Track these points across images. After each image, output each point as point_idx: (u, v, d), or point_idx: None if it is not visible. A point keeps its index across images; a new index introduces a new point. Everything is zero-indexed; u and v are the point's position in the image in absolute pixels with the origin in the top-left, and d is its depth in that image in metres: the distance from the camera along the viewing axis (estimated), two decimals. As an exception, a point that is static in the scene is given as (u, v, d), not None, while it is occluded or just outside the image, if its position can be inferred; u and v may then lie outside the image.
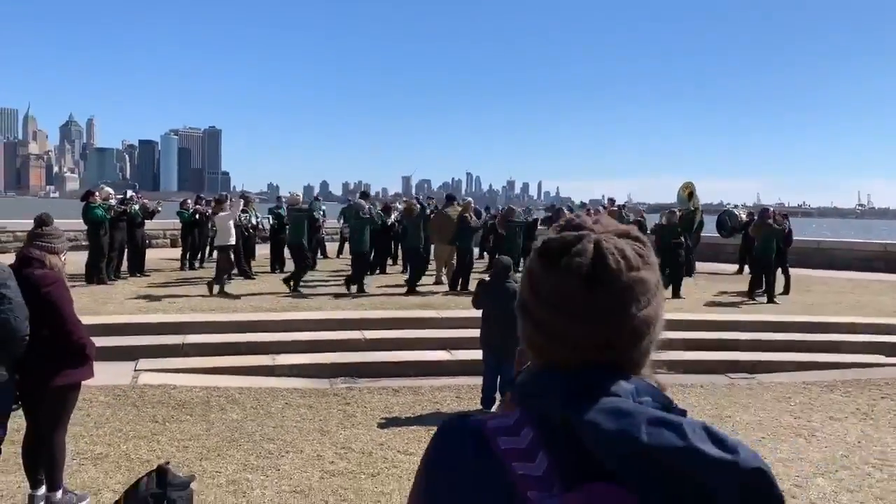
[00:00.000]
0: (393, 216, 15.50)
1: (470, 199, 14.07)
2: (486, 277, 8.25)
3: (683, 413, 1.05)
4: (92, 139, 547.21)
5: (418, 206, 13.86)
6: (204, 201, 15.20)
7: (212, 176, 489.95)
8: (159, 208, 15.83)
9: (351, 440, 6.15)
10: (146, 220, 15.18)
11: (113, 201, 13.82)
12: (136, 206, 14.50)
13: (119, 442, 5.83)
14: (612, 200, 17.86)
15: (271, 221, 15.42)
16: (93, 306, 10.69)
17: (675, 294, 12.95)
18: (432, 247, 14.05)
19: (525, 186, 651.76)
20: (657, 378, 1.06)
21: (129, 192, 15.04)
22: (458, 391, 8.01)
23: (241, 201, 13.98)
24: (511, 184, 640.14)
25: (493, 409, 7.24)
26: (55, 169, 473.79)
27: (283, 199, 16.04)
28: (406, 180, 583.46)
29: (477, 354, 7.91)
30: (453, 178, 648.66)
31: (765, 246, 12.96)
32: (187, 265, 15.99)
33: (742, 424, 6.93)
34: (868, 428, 6.89)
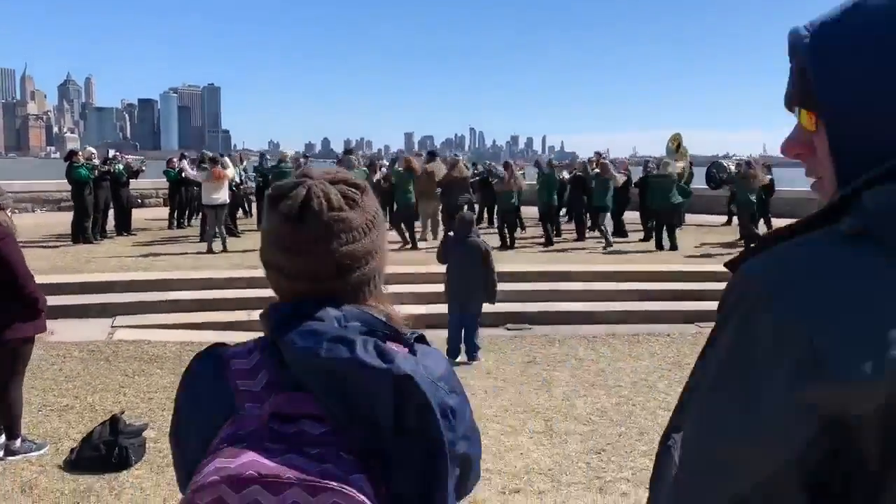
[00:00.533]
0: (378, 174, 15.52)
1: (459, 155, 14.10)
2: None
3: (421, 339, 1.17)
4: (91, 98, 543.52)
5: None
6: (188, 160, 15.21)
7: (212, 134, 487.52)
8: (143, 167, 15.88)
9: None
10: (131, 180, 15.23)
11: (96, 161, 13.88)
12: (121, 166, 14.56)
13: (86, 395, 6.01)
14: (598, 153, 17.90)
15: (256, 179, 15.46)
16: (75, 265, 10.86)
17: (672, 246, 13.01)
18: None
19: (529, 141, 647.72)
20: (390, 309, 1.17)
21: (112, 152, 15.09)
22: (431, 344, 8.15)
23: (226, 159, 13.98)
24: (515, 139, 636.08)
25: (458, 360, 7.44)
26: (55, 129, 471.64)
27: (267, 158, 16.09)
28: (408, 136, 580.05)
29: (436, 308, 8.10)
30: (456, 134, 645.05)
31: (742, 198, 13.03)
32: (175, 224, 16.12)
33: (700, 372, 7.07)
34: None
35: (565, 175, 14.82)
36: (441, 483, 1.03)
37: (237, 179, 14.71)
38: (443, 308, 7.62)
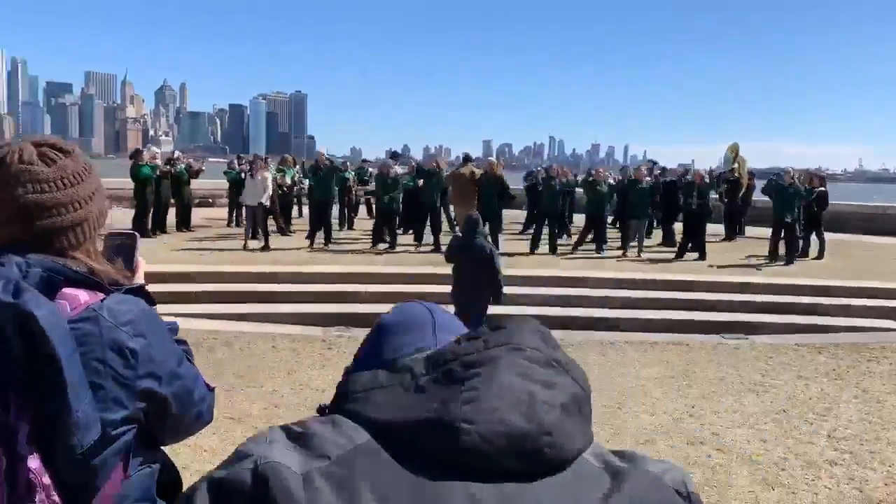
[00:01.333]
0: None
1: (492, 158, 14.20)
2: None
3: (135, 291, 1.36)
4: (185, 103, 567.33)
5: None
6: (245, 161, 15.90)
7: (297, 139, 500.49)
8: (203, 168, 16.66)
9: (313, 379, 6.62)
10: (192, 179, 16.01)
11: (159, 161, 14.67)
12: (182, 166, 15.35)
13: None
14: (652, 161, 17.86)
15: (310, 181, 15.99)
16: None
17: (701, 255, 12.83)
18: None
19: (611, 150, 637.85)
20: (96, 263, 1.36)
21: (177, 153, 15.91)
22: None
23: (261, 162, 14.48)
24: (596, 147, 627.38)
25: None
26: (151, 132, 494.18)
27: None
28: (487, 144, 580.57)
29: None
30: (535, 143, 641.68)
31: (777, 207, 12.76)
32: (234, 222, 16.82)
33: (701, 379, 7.02)
34: (831, 387, 6.86)
35: (611, 181, 14.71)
36: (63, 405, 1.17)
37: (287, 181, 15.25)
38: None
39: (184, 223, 15.53)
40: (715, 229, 16.06)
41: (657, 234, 15.69)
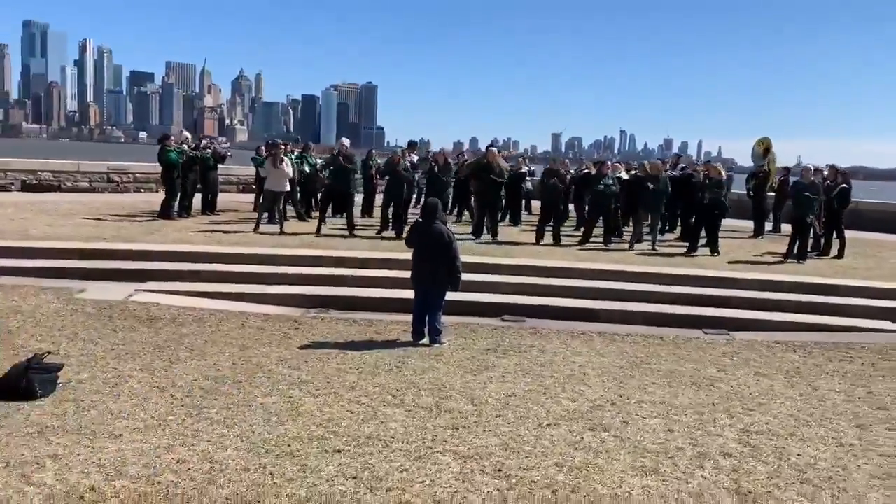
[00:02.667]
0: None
1: (494, 148, 14.23)
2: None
3: None
4: (260, 93, 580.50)
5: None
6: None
7: (367, 130, 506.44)
8: (230, 154, 17.19)
9: (259, 356, 6.86)
10: (219, 164, 16.52)
11: (185, 146, 15.21)
12: (209, 152, 15.87)
13: (54, 339, 6.85)
14: (677, 155, 17.56)
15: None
16: (137, 235, 12.08)
17: (712, 250, 12.61)
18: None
19: (684, 145, 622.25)
20: None
21: (205, 140, 16.47)
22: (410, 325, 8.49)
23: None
24: (668, 142, 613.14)
25: (421, 342, 7.73)
26: (227, 121, 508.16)
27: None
28: (556, 137, 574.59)
29: (449, 295, 8.39)
30: (606, 136, 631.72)
31: (796, 206, 12.40)
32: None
33: (649, 371, 6.96)
34: (781, 385, 6.72)
35: (623, 175, 14.53)
36: None
37: (306, 169, 15.56)
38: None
39: (209, 207, 16.06)
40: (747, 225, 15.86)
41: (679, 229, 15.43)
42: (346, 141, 14.53)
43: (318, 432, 4.87)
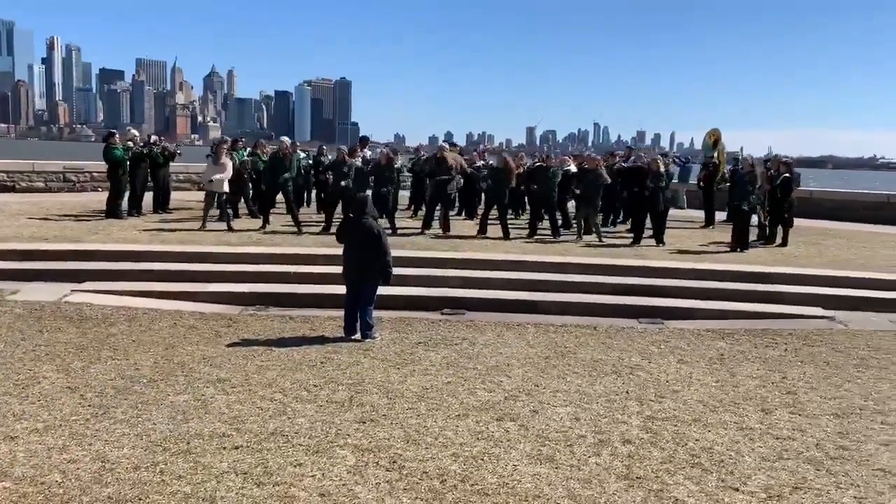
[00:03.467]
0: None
1: (446, 144, 14.37)
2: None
3: None
4: (232, 90, 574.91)
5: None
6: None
7: (342, 126, 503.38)
8: (179, 151, 17.07)
9: (183, 355, 6.83)
10: (170, 162, 16.37)
11: (130, 143, 15.05)
12: (157, 150, 15.72)
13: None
14: (629, 147, 17.77)
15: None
16: (81, 235, 11.95)
17: (658, 241, 12.78)
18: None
19: (657, 137, 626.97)
20: None
21: (153, 137, 16.31)
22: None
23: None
24: (641, 134, 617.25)
25: (353, 337, 7.75)
26: (199, 118, 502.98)
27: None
28: (530, 131, 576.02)
29: (388, 290, 8.42)
30: (579, 129, 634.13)
31: (732, 195, 12.73)
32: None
33: (573, 361, 7.04)
34: (700, 372, 6.83)
35: (572, 168, 14.63)
36: None
37: (260, 167, 15.44)
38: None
39: (160, 205, 15.92)
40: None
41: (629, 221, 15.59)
42: (285, 139, 14.53)
43: (221, 429, 4.88)
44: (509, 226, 13.52)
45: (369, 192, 8.48)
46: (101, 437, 4.68)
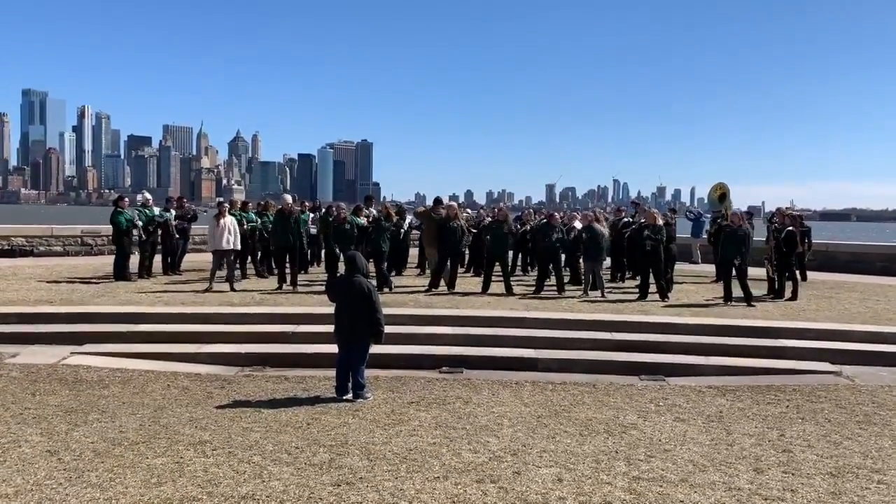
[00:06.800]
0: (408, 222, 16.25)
1: (454, 203, 14.44)
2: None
3: None
4: (257, 153, 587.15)
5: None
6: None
7: (363, 186, 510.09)
8: (198, 212, 17.38)
9: (170, 416, 6.78)
10: (187, 225, 16.56)
11: (140, 207, 15.31)
12: (169, 214, 15.94)
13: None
14: (635, 203, 17.79)
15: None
16: (87, 298, 12.08)
17: (661, 296, 12.65)
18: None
19: (677, 193, 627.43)
20: None
21: (174, 197, 16.62)
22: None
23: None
24: (661, 190, 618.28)
25: (345, 398, 7.66)
26: (224, 181, 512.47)
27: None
28: (549, 188, 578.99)
29: (386, 349, 8.45)
30: (599, 186, 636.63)
31: (723, 249, 12.73)
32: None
33: (567, 420, 6.90)
34: (696, 430, 6.65)
35: (577, 225, 14.63)
36: None
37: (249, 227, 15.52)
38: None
39: (170, 267, 16.09)
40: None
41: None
42: (288, 197, 14.72)
43: (192, 493, 4.80)
44: (513, 283, 13.47)
45: (357, 251, 8.47)
46: (69, 502, 4.62)
